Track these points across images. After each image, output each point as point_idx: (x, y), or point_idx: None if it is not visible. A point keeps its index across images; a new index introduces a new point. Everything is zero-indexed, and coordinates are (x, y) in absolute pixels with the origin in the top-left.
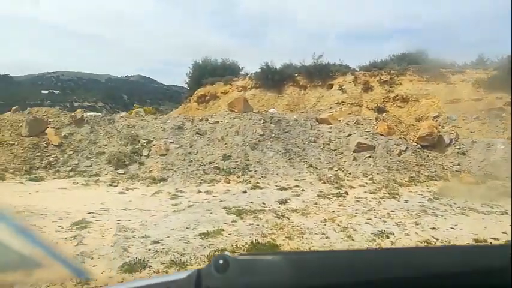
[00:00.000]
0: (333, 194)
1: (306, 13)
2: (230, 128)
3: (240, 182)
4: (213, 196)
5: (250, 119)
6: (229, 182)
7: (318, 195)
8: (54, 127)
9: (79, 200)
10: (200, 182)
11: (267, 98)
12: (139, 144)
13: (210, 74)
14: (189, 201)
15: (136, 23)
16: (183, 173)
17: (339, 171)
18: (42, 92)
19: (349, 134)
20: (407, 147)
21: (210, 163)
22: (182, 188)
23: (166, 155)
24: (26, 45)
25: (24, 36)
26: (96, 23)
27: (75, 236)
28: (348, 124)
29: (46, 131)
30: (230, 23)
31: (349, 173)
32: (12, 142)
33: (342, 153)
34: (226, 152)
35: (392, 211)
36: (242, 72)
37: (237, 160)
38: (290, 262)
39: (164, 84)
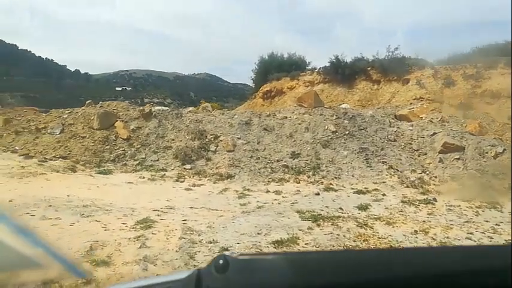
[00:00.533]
0: (419, 200)
1: (372, 8)
2: (299, 124)
3: (311, 182)
4: (283, 197)
5: (321, 115)
6: (299, 182)
7: (402, 201)
8: (123, 121)
9: (145, 196)
10: (268, 181)
11: (336, 93)
12: (207, 140)
13: (276, 69)
14: (258, 202)
15: (203, 22)
16: (250, 170)
17: (423, 174)
18: (116, 88)
19: (434, 133)
20: (504, 149)
21: (278, 161)
22: (249, 187)
23: (233, 151)
24: (103, 45)
25: (101, 37)
26: (166, 24)
27: (139, 237)
28: (431, 121)
29: (115, 125)
30: (295, 21)
31: (435, 177)
32: (84, 135)
33: (425, 154)
34: (295, 150)
35: (497, 224)
36: (309, 67)
37: (307, 158)
38: (290, 262)
39: (229, 82)
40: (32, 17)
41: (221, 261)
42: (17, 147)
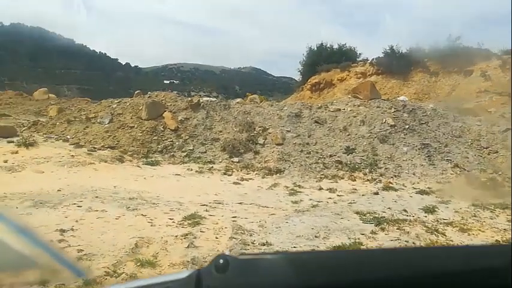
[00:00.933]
0: (494, 204)
1: None
2: (354, 116)
3: (368, 180)
4: (338, 196)
5: (378, 107)
6: (354, 180)
7: (474, 205)
8: (171, 111)
9: (193, 189)
10: (320, 177)
11: (390, 86)
12: (255, 132)
13: (325, 61)
14: (311, 200)
15: (250, 15)
16: (301, 165)
17: (494, 174)
18: (165, 81)
19: (507, 129)
20: None
21: (330, 156)
22: (300, 183)
23: (282, 144)
24: (153, 39)
25: (151, 30)
26: (215, 18)
27: (187, 235)
28: (503, 116)
29: (163, 115)
30: (341, 12)
31: (509, 178)
32: (133, 125)
33: (496, 152)
34: (349, 144)
35: None
36: (359, 59)
37: (363, 154)
38: (290, 262)
39: (274, 76)
40: (87, 12)
41: (221, 261)
42: (68, 136)
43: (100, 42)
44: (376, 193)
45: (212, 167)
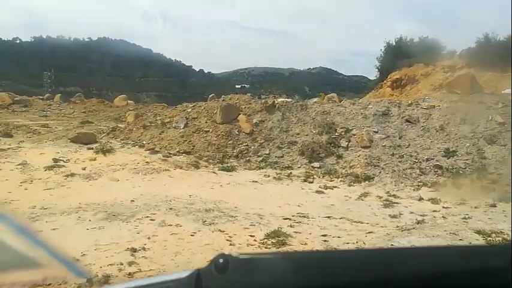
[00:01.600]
0: None
1: None
2: (452, 114)
3: (477, 188)
4: (444, 208)
5: (481, 103)
6: (459, 188)
7: None
8: (245, 114)
9: (272, 198)
10: (418, 185)
11: (485, 79)
12: (336, 134)
13: (406, 55)
14: (412, 213)
15: (319, 15)
16: (393, 171)
17: None
18: (236, 86)
19: None
20: None
21: (427, 160)
22: (395, 192)
23: (370, 147)
24: (224, 45)
25: (223, 37)
26: (283, 20)
27: None
28: None
29: (238, 118)
30: (415, 7)
31: None
32: (207, 129)
33: None
34: (449, 146)
35: None
36: (445, 52)
37: (467, 157)
38: (290, 262)
39: (345, 75)
40: (163, 23)
41: (221, 261)
42: (144, 142)
43: (175, 50)
44: (493, 205)
45: (291, 173)
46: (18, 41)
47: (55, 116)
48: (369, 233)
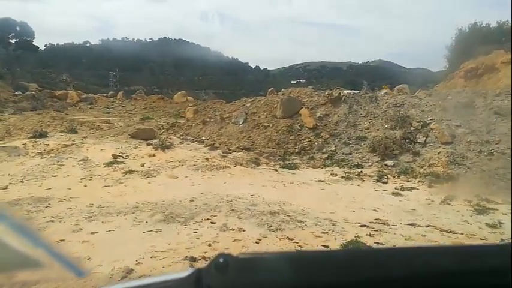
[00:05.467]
0: None
1: None
2: None
3: None
4: None
5: None
6: None
7: None
8: (308, 107)
9: (343, 201)
10: None
11: None
12: (412, 128)
13: (481, 42)
14: None
15: (377, 7)
16: (483, 171)
17: None
18: (292, 82)
19: None
20: None
21: None
22: (487, 195)
23: (451, 143)
24: (280, 41)
25: (278, 33)
26: (339, 14)
27: None
28: None
29: (300, 112)
30: None
31: None
32: (267, 124)
33: None
34: None
35: None
36: None
37: None
38: (290, 262)
39: (405, 67)
40: (221, 22)
41: (221, 261)
42: (203, 138)
43: (232, 48)
44: None
45: (361, 171)
46: (88, 45)
47: (117, 112)
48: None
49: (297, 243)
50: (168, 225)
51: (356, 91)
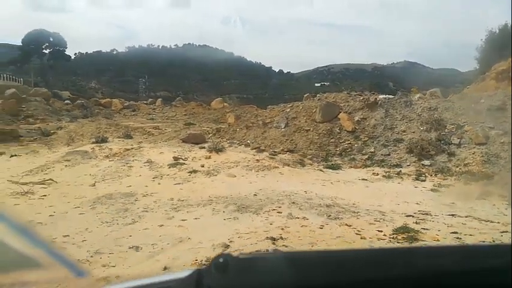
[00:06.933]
0: None
1: None
2: None
3: None
4: None
5: None
6: None
7: None
8: (346, 112)
9: (387, 196)
10: None
11: None
12: (446, 130)
13: None
14: None
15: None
16: None
17: None
18: (316, 84)
19: None
20: None
21: None
22: None
23: (485, 144)
24: (303, 44)
25: (301, 36)
26: (363, 15)
27: None
28: None
29: (339, 116)
30: None
31: None
32: (308, 128)
33: None
34: None
35: None
36: None
37: None
38: (290, 262)
39: (432, 68)
40: (243, 26)
41: (221, 261)
42: (248, 141)
43: (255, 52)
44: None
45: (400, 171)
46: (115, 52)
47: (160, 118)
48: (504, 232)
49: (355, 228)
50: (242, 214)
51: (391, 96)
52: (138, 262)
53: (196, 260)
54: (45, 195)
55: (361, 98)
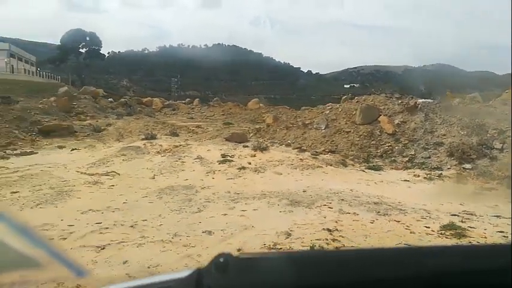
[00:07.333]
0: None
1: None
2: None
3: None
4: None
5: None
6: None
7: None
8: (386, 115)
9: (430, 197)
10: None
11: None
12: (488, 135)
13: None
14: None
15: (435, 8)
16: None
17: None
18: (345, 86)
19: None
20: None
21: None
22: None
23: None
24: (332, 45)
25: (330, 36)
26: (395, 16)
27: None
28: None
29: (379, 119)
30: None
31: None
32: (348, 130)
33: None
34: None
35: None
36: None
37: None
38: (290, 262)
39: (466, 71)
40: (272, 27)
41: (221, 261)
42: (289, 141)
43: (284, 53)
44: None
45: (441, 173)
46: (146, 52)
47: (200, 118)
48: None
49: (404, 224)
50: (295, 208)
51: (430, 100)
52: (213, 244)
53: (265, 244)
54: (113, 186)
55: (400, 102)
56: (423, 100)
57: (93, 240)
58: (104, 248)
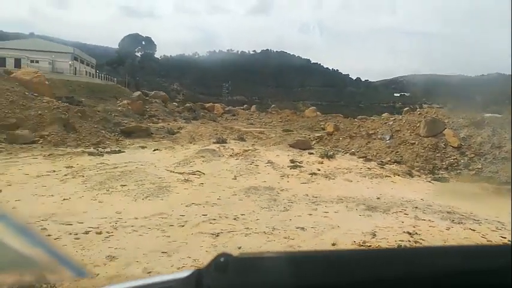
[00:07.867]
0: None
1: None
2: None
3: None
4: None
5: None
6: None
7: None
8: (451, 128)
9: (500, 209)
10: None
11: None
12: None
13: None
14: None
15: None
16: None
17: None
18: (395, 95)
19: None
20: None
21: None
22: None
23: None
24: (382, 52)
25: (381, 43)
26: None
27: None
28: None
29: (444, 132)
30: None
31: None
32: (413, 141)
33: None
34: None
35: None
36: None
37: None
38: (290, 262)
39: None
40: (321, 33)
41: (221, 261)
42: (353, 150)
43: (333, 59)
44: None
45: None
46: (196, 56)
47: (259, 124)
48: None
49: (479, 233)
50: (373, 213)
51: (498, 115)
52: (308, 239)
53: (355, 242)
54: (202, 184)
55: (464, 116)
56: (490, 115)
57: (207, 228)
58: (218, 235)
